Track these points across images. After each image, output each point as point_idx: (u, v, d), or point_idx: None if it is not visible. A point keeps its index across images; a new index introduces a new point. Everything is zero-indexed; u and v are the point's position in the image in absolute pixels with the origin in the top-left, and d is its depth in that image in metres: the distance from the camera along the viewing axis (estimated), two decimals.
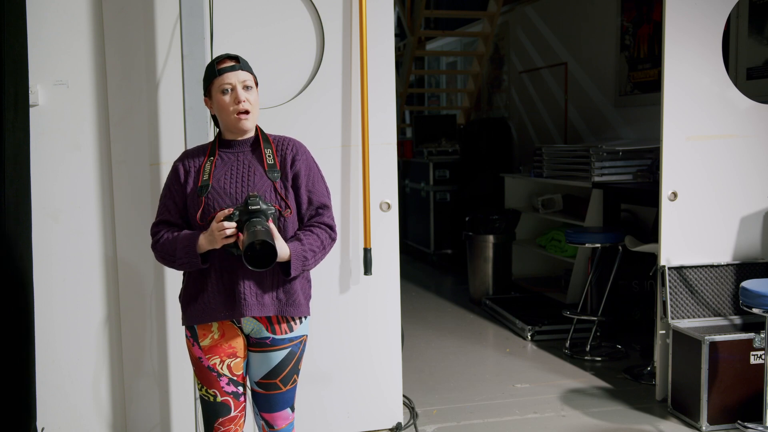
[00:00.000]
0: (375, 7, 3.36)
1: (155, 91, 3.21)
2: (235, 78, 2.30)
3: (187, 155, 2.41)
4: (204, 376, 2.37)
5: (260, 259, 2.11)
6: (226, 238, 2.20)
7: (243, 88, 2.30)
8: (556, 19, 7.01)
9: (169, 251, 2.29)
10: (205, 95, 2.39)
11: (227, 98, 2.30)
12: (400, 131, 9.69)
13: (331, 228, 2.39)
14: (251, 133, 2.39)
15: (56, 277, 3.22)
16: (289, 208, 2.32)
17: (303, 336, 2.42)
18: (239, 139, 2.37)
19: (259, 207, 2.19)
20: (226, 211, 2.21)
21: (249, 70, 2.36)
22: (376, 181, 3.43)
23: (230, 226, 2.19)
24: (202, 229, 2.28)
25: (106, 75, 3.21)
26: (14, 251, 2.97)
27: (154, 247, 2.36)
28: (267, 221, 2.20)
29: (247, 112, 2.31)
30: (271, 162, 2.33)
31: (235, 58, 2.34)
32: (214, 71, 2.32)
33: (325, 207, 2.39)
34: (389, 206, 3.47)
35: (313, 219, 2.37)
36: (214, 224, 2.22)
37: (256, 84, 2.38)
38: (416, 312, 5.92)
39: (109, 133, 3.23)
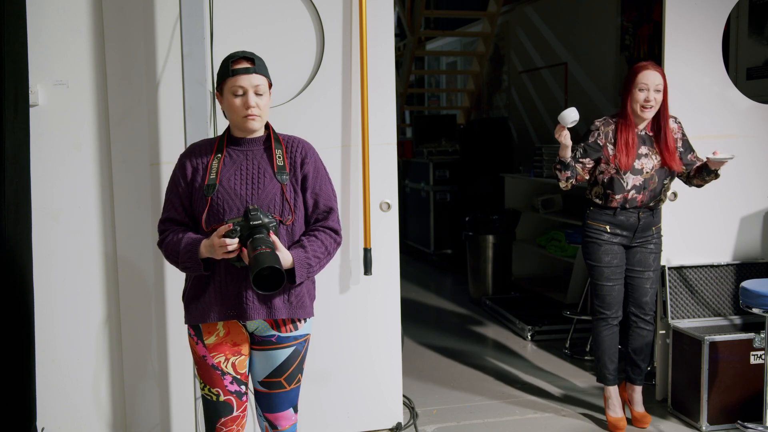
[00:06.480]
0: (375, 7, 3.36)
1: (155, 91, 3.21)
2: (248, 82, 2.25)
3: (195, 150, 2.36)
4: (207, 374, 2.36)
5: (269, 282, 2.09)
6: (228, 253, 2.17)
7: (254, 94, 2.26)
8: (556, 19, 7.01)
9: (173, 253, 2.28)
10: (216, 89, 2.34)
11: (238, 101, 2.26)
12: (400, 131, 9.69)
13: (336, 232, 2.37)
14: (261, 132, 2.35)
15: (56, 277, 3.22)
16: (292, 215, 2.29)
17: (307, 335, 2.42)
18: (249, 137, 2.33)
19: (260, 222, 2.15)
20: (227, 227, 2.16)
21: (264, 72, 2.30)
22: (376, 181, 3.43)
23: (232, 243, 2.15)
24: (207, 232, 2.26)
25: (106, 75, 3.21)
26: (14, 251, 2.97)
27: (160, 245, 2.34)
28: (268, 234, 2.17)
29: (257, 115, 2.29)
30: (281, 163, 2.30)
31: (251, 59, 2.29)
32: (227, 70, 2.26)
33: (331, 210, 2.37)
34: (389, 206, 3.47)
35: (319, 222, 2.35)
36: (215, 239, 2.18)
37: (270, 85, 2.34)
38: (416, 312, 5.92)
39: (109, 133, 3.23)
